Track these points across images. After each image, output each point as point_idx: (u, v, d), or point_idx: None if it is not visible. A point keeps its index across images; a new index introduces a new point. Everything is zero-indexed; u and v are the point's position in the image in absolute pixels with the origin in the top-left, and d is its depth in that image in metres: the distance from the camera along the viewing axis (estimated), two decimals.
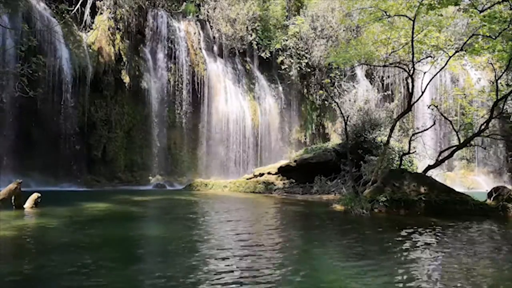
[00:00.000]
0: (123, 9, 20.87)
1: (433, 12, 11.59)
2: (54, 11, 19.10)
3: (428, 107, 14.95)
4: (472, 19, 12.40)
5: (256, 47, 25.51)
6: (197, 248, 6.44)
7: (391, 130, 13.58)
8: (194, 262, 5.46)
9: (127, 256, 5.86)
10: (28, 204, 9.96)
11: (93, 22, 20.33)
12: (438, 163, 12.91)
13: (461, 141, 13.28)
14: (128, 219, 9.61)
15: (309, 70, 26.76)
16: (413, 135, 14.50)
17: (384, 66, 17.27)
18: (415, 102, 14.85)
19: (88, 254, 5.72)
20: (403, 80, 27.14)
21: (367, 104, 19.58)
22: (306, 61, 26.36)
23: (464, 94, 21.64)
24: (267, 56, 25.75)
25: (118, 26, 20.81)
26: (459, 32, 22.61)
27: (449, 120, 14.33)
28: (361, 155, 16.21)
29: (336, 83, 24.68)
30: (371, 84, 27.62)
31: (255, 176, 19.24)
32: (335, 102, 17.38)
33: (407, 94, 23.90)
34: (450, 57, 12.91)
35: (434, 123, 14.62)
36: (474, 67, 18.53)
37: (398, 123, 16.63)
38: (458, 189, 12.91)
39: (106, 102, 20.14)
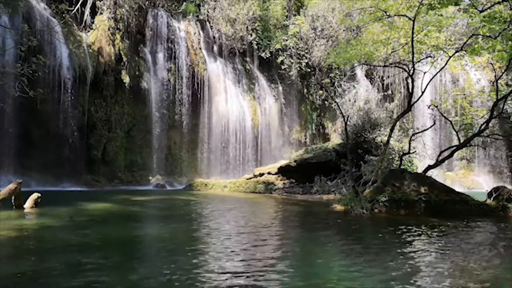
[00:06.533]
0: (123, 9, 20.87)
1: (433, 12, 11.59)
2: (54, 11, 19.10)
3: (428, 107, 14.95)
4: (472, 19, 12.38)
5: (256, 47, 25.52)
6: (198, 248, 6.44)
7: (391, 130, 13.57)
8: (194, 263, 5.46)
9: (127, 256, 5.86)
10: (28, 204, 9.95)
11: (93, 22, 20.32)
12: (438, 163, 12.90)
13: (461, 141, 13.28)
14: (128, 219, 9.62)
15: (309, 70, 26.76)
16: (413, 135, 14.50)
17: (384, 66, 17.28)
18: (415, 102, 14.84)
19: (88, 254, 5.72)
20: (403, 80, 27.14)
21: (367, 104, 19.59)
22: (306, 61, 26.37)
23: (464, 94, 21.65)
24: (267, 56, 25.74)
25: (118, 26, 20.81)
26: (459, 32, 22.63)
27: (449, 120, 14.32)
28: (361, 155, 16.21)
29: (336, 83, 24.74)
30: (371, 84, 27.62)
31: (255, 176, 19.24)
32: (335, 102, 17.40)
33: (407, 94, 23.90)
34: (450, 57, 12.91)
35: (434, 123, 14.62)
36: (474, 67, 18.52)
37: (398, 123, 16.63)
38: (458, 189, 12.93)
39: (106, 102, 20.14)
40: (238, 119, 24.01)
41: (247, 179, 19.07)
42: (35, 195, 10.11)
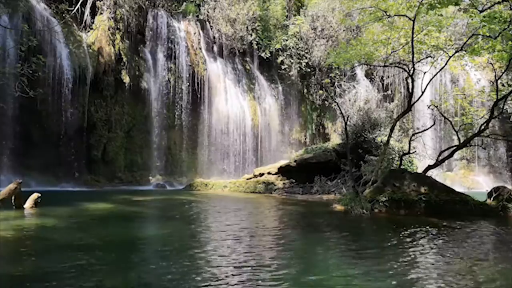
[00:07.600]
0: (123, 9, 20.87)
1: (433, 12, 11.57)
2: (54, 11, 19.10)
3: (428, 107, 14.95)
4: (472, 19, 12.37)
5: (256, 47, 25.51)
6: (199, 250, 6.44)
7: (391, 130, 13.57)
8: (194, 263, 5.46)
9: (127, 256, 5.85)
10: (28, 204, 9.95)
11: (93, 22, 20.32)
12: (438, 163, 12.91)
13: (461, 141, 13.28)
14: (128, 219, 9.61)
15: (309, 70, 26.75)
16: (413, 135, 14.50)
17: (384, 66, 17.26)
18: (415, 102, 14.84)
19: (88, 255, 5.72)
20: (403, 80, 27.14)
21: (367, 104, 19.57)
22: (306, 61, 26.36)
23: (464, 94, 21.64)
24: (267, 56, 25.74)
25: (118, 26, 20.81)
26: (459, 32, 22.61)
27: (449, 120, 14.32)
28: (361, 155, 16.20)
29: (336, 83, 24.71)
30: (371, 84, 27.60)
31: (255, 176, 19.23)
32: (335, 102, 17.39)
33: (407, 94, 23.90)
34: (450, 57, 12.90)
35: (434, 123, 14.63)
36: (474, 67, 18.51)
37: (398, 123, 16.63)
38: (458, 189, 12.92)
39: (106, 102, 20.14)
40: (238, 119, 24.01)
41: (247, 179, 19.06)
42: (35, 195, 10.11)
